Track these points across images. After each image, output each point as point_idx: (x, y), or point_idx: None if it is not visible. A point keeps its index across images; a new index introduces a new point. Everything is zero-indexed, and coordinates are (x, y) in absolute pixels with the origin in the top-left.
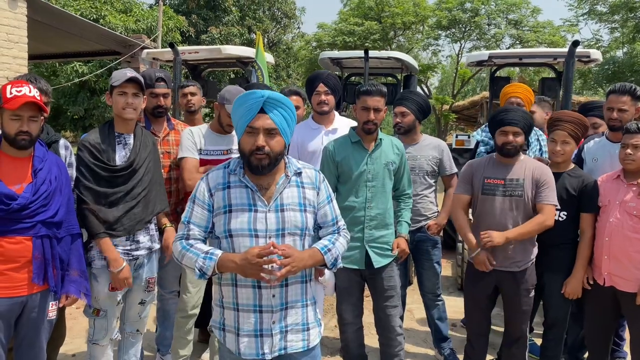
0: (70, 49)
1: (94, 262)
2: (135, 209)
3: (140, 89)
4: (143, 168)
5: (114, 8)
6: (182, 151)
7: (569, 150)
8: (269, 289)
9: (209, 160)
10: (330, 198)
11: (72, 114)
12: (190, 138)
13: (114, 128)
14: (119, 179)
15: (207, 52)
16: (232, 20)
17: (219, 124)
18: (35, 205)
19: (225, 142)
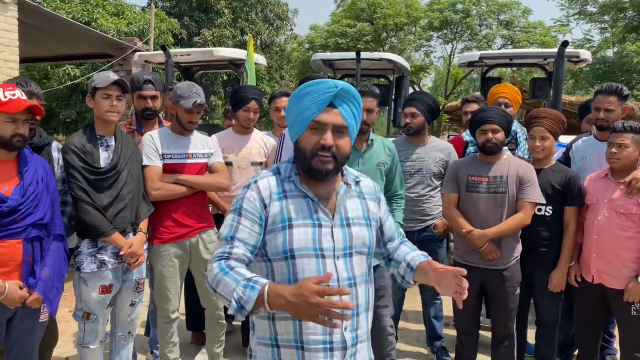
0: (62, 52)
1: (83, 265)
2: (123, 212)
3: (124, 92)
4: (127, 169)
5: (106, 11)
6: (144, 159)
7: (548, 145)
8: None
9: (172, 165)
10: (389, 209)
11: (65, 117)
12: (151, 144)
13: (96, 130)
14: (104, 182)
15: (199, 55)
16: (224, 23)
17: (178, 124)
18: (24, 207)
19: (187, 144)
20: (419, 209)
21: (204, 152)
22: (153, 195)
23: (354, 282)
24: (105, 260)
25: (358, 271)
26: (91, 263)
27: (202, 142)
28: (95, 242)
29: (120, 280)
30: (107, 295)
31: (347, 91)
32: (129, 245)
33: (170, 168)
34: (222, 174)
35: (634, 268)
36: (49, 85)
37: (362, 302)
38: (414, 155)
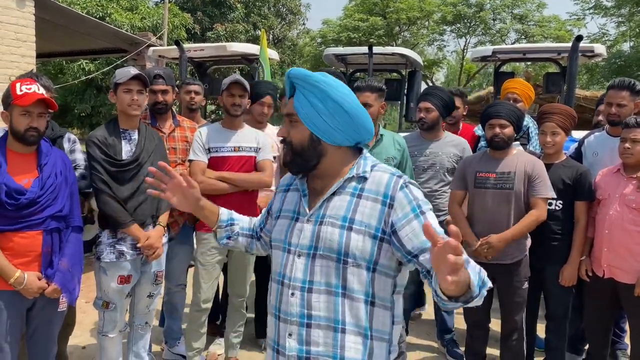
0: (77, 47)
1: (103, 255)
2: (144, 204)
3: (144, 85)
4: (149, 162)
5: (120, 6)
6: (190, 154)
7: (559, 140)
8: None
9: (218, 158)
10: (419, 210)
11: (79, 111)
12: (198, 140)
13: (119, 124)
14: (126, 174)
15: (213, 50)
16: (237, 17)
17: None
18: (43, 199)
19: (235, 137)
20: (432, 204)
21: (251, 146)
22: None
23: (307, 287)
24: (124, 251)
25: (320, 277)
26: (110, 253)
27: (251, 137)
28: (115, 233)
29: (139, 271)
30: (126, 286)
31: (295, 76)
32: (147, 237)
33: (216, 161)
34: (267, 172)
35: None
36: (64, 80)
37: (321, 314)
38: (427, 150)
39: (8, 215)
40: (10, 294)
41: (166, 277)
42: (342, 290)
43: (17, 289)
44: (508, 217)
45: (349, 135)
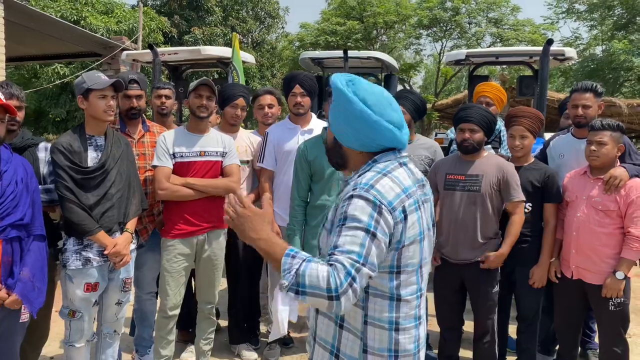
0: (50, 50)
1: (69, 263)
2: (110, 211)
3: (116, 92)
4: (116, 169)
5: (95, 9)
6: (154, 159)
7: (527, 144)
8: None
9: (183, 163)
10: (340, 223)
11: (54, 116)
12: (162, 145)
13: (85, 130)
14: (92, 181)
15: (187, 53)
16: (215, 21)
17: (193, 116)
18: (3, 207)
19: (200, 142)
20: None
21: (217, 151)
22: (159, 195)
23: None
24: (90, 258)
25: None
26: (76, 260)
27: (217, 141)
28: (80, 240)
29: (106, 278)
30: (93, 294)
31: (330, 82)
32: (114, 244)
33: (181, 166)
34: (234, 177)
35: (612, 264)
36: (38, 85)
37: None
38: None
39: None
40: None
41: (136, 285)
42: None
43: None
44: (474, 219)
45: (361, 141)
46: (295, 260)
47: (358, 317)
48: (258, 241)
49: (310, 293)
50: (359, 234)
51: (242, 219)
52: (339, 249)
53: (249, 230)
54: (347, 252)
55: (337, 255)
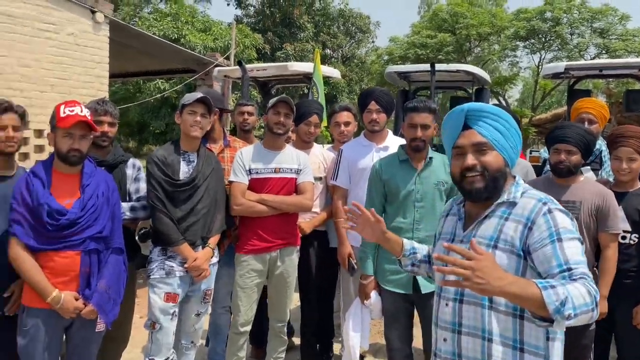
0: (151, 67)
1: (153, 272)
2: (195, 225)
3: (208, 110)
4: (204, 185)
5: (195, 27)
6: (231, 175)
7: (636, 167)
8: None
9: (258, 180)
10: (556, 237)
11: (154, 128)
12: (239, 161)
13: (180, 146)
14: (181, 194)
15: (275, 69)
16: (306, 37)
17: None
18: (83, 220)
19: (275, 159)
20: None
21: (292, 168)
22: (234, 210)
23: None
24: (173, 268)
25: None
26: (160, 269)
27: (292, 158)
28: (165, 250)
29: (187, 289)
30: (172, 305)
31: (477, 109)
32: (194, 258)
33: (257, 182)
34: (307, 195)
35: None
36: (142, 99)
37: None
38: None
39: (49, 235)
40: (48, 312)
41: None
42: (488, 303)
43: (54, 307)
44: None
45: (517, 157)
46: (558, 289)
47: (540, 335)
48: (508, 286)
49: (580, 313)
50: (577, 244)
51: (482, 272)
52: (572, 261)
53: (494, 280)
54: (581, 262)
55: (577, 267)
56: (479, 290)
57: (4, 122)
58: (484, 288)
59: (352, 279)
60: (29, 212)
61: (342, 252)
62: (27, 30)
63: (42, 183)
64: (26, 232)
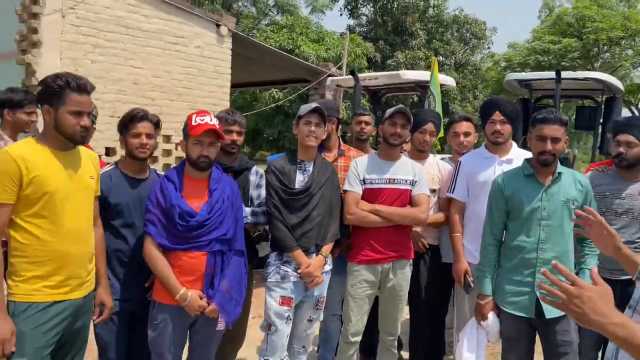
0: (268, 77)
1: (270, 276)
2: (310, 232)
3: (323, 120)
4: (319, 194)
5: (308, 38)
6: (345, 184)
7: None
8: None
9: (372, 190)
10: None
11: (268, 135)
12: (353, 170)
13: (297, 155)
14: (296, 202)
15: (387, 78)
16: (418, 44)
17: (384, 142)
18: (210, 222)
19: (390, 169)
20: None
21: (407, 179)
22: (348, 220)
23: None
24: (288, 272)
25: None
26: (276, 273)
27: (407, 169)
28: (281, 255)
29: (301, 294)
30: (287, 308)
31: None
32: (307, 265)
33: (371, 193)
34: (422, 207)
35: None
36: (257, 107)
37: None
38: (624, 193)
39: (179, 235)
40: (176, 308)
41: None
42: None
43: (181, 304)
44: None
45: None
46: None
47: None
48: (609, 326)
49: None
50: None
51: (580, 300)
52: None
53: (592, 314)
54: None
55: None
56: (575, 318)
57: (139, 130)
58: (579, 317)
59: (468, 297)
60: (162, 213)
61: (458, 269)
62: (160, 44)
63: (174, 186)
64: (159, 232)
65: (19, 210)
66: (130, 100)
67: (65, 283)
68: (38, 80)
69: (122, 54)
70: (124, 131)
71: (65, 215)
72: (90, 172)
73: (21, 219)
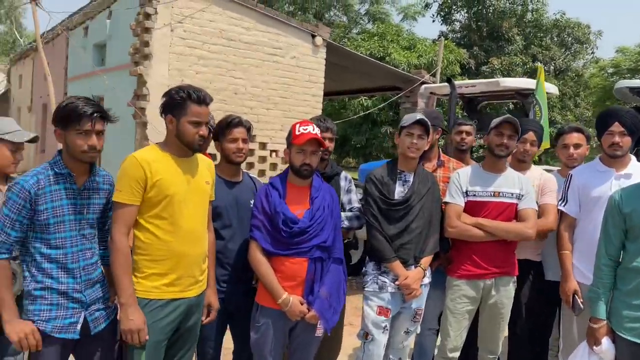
0: (358, 85)
1: (367, 285)
2: (409, 244)
3: (426, 131)
4: (419, 205)
5: (399, 45)
6: (446, 196)
7: None
8: None
9: (475, 202)
10: None
11: (355, 143)
12: (455, 182)
13: (397, 165)
14: (395, 213)
15: (484, 86)
16: (515, 50)
17: (490, 153)
18: (312, 229)
19: (495, 182)
20: None
21: (512, 192)
22: (449, 232)
23: None
24: (386, 283)
25: None
26: (374, 283)
27: (513, 181)
28: (379, 265)
29: (398, 305)
30: (384, 319)
31: None
32: (405, 277)
33: (473, 205)
34: (529, 222)
35: None
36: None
37: None
38: None
39: (282, 241)
40: (278, 312)
41: None
42: None
43: (283, 309)
44: None
45: None
46: None
47: None
48: None
49: None
50: None
51: None
52: None
53: None
54: None
55: None
56: None
57: (235, 135)
58: None
59: (576, 318)
60: (267, 219)
61: (567, 288)
62: (259, 55)
63: (278, 193)
64: (264, 237)
65: (142, 212)
66: (231, 109)
67: (181, 282)
68: (149, 90)
69: (224, 65)
70: (221, 137)
71: (182, 217)
72: (206, 177)
73: (144, 220)
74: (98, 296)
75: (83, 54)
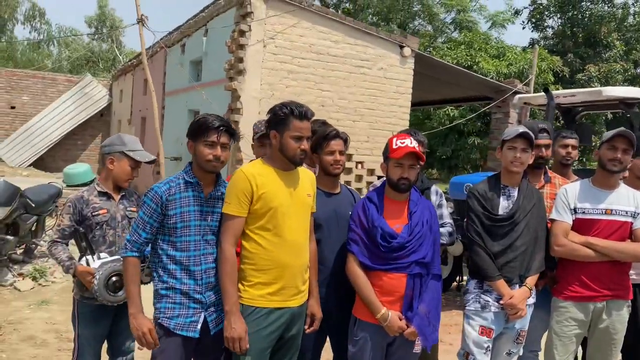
0: (445, 95)
1: (469, 304)
2: (513, 262)
3: (529, 144)
4: (524, 221)
5: (488, 54)
6: (552, 212)
7: None
8: None
9: (585, 220)
10: None
11: (441, 154)
12: (562, 198)
13: (501, 180)
14: (499, 229)
15: (585, 95)
16: (614, 56)
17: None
18: (410, 244)
19: (607, 198)
20: None
21: (626, 210)
22: (555, 251)
23: None
24: (488, 302)
25: None
26: (475, 302)
27: (627, 198)
28: (481, 283)
29: (501, 326)
30: (486, 339)
31: None
32: (510, 296)
33: (582, 223)
34: None
35: None
36: (430, 126)
37: None
38: None
39: (380, 256)
40: (376, 327)
41: None
42: None
43: (381, 324)
44: None
45: None
46: None
47: None
48: None
49: None
50: None
51: None
52: None
53: None
54: None
55: None
56: None
57: (332, 147)
58: None
59: None
60: (364, 233)
61: None
62: (346, 67)
63: (376, 207)
64: (362, 250)
65: (249, 223)
66: None
67: (284, 291)
68: (242, 104)
69: (312, 78)
70: (318, 149)
71: (286, 228)
72: (308, 190)
73: (250, 231)
74: (217, 299)
75: (180, 69)
